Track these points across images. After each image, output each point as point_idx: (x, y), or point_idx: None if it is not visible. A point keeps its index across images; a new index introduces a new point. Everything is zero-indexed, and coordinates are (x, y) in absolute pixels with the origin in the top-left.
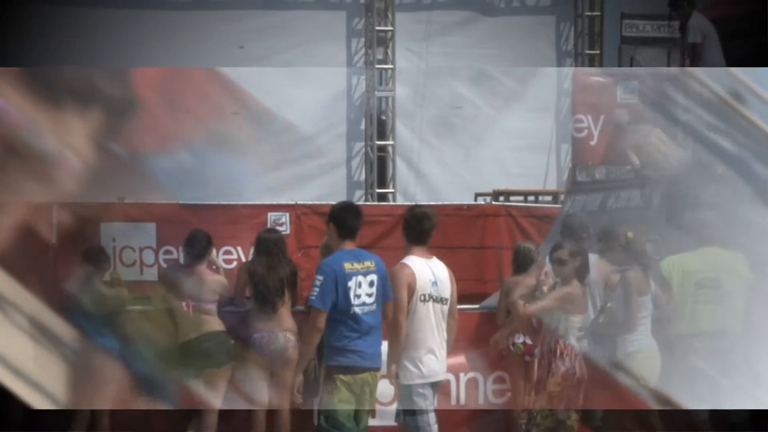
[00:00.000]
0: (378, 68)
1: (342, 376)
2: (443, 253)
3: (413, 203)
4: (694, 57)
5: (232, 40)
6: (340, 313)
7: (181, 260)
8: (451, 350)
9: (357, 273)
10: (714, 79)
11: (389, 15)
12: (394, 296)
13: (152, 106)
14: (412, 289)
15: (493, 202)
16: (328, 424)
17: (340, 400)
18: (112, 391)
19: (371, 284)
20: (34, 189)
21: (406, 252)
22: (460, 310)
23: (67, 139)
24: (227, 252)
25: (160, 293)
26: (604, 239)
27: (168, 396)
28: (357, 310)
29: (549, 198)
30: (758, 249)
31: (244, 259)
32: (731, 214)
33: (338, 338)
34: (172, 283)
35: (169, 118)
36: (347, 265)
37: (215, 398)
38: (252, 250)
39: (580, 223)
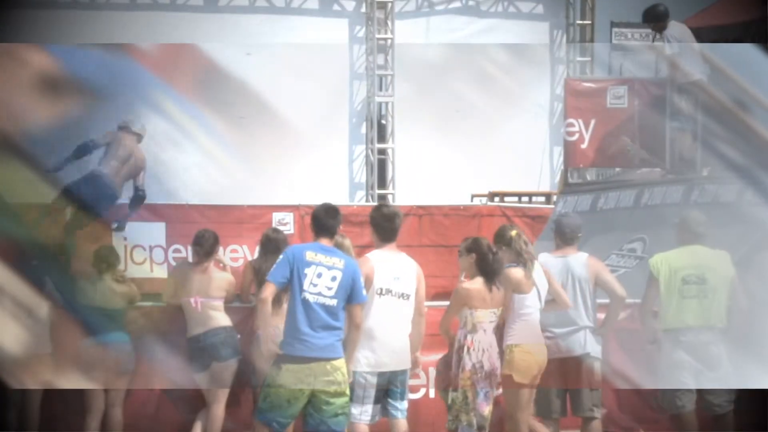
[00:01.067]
0: (378, 74)
1: (287, 364)
2: (441, 251)
3: (380, 203)
4: (672, 66)
5: (239, 46)
6: (294, 299)
7: (190, 258)
8: (439, 346)
9: (319, 264)
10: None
11: (389, 23)
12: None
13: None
14: (369, 282)
15: (489, 203)
16: (266, 407)
17: (281, 384)
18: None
19: (333, 279)
20: None
21: (376, 248)
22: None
23: None
24: (234, 250)
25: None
26: (497, 239)
27: None
28: (308, 296)
29: (542, 199)
30: None
31: (249, 258)
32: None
33: (290, 327)
34: (181, 280)
35: None
36: (310, 254)
37: (222, 391)
38: (257, 249)
39: (573, 222)
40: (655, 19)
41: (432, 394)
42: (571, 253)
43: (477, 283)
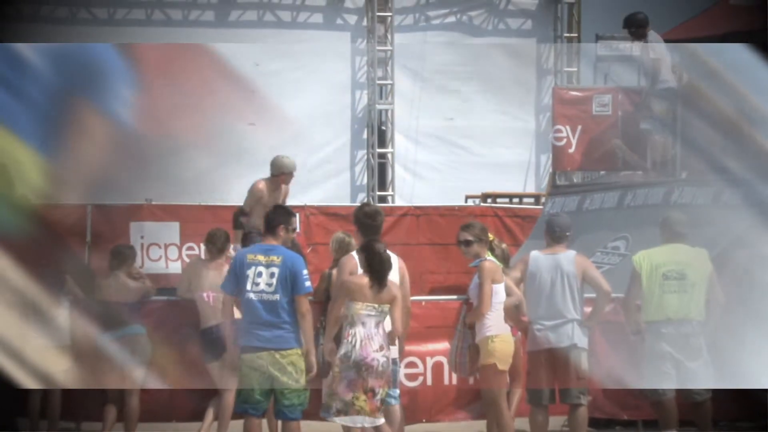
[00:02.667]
0: (378, 84)
1: (243, 355)
2: (437, 249)
3: (363, 203)
4: (653, 70)
5: (248, 57)
6: (242, 298)
7: (202, 255)
8: (432, 337)
9: (258, 264)
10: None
11: (389, 37)
12: (339, 282)
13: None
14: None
15: (482, 204)
16: (239, 399)
17: (243, 376)
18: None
19: (271, 275)
20: None
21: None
22: (447, 300)
23: None
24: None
25: (183, 285)
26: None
27: None
28: (252, 296)
29: (531, 200)
30: None
31: None
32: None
33: (242, 322)
34: (195, 276)
35: None
36: (250, 256)
37: (232, 380)
38: None
39: (563, 222)
40: (635, 25)
41: (430, 382)
42: (561, 251)
43: (361, 279)
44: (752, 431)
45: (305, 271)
